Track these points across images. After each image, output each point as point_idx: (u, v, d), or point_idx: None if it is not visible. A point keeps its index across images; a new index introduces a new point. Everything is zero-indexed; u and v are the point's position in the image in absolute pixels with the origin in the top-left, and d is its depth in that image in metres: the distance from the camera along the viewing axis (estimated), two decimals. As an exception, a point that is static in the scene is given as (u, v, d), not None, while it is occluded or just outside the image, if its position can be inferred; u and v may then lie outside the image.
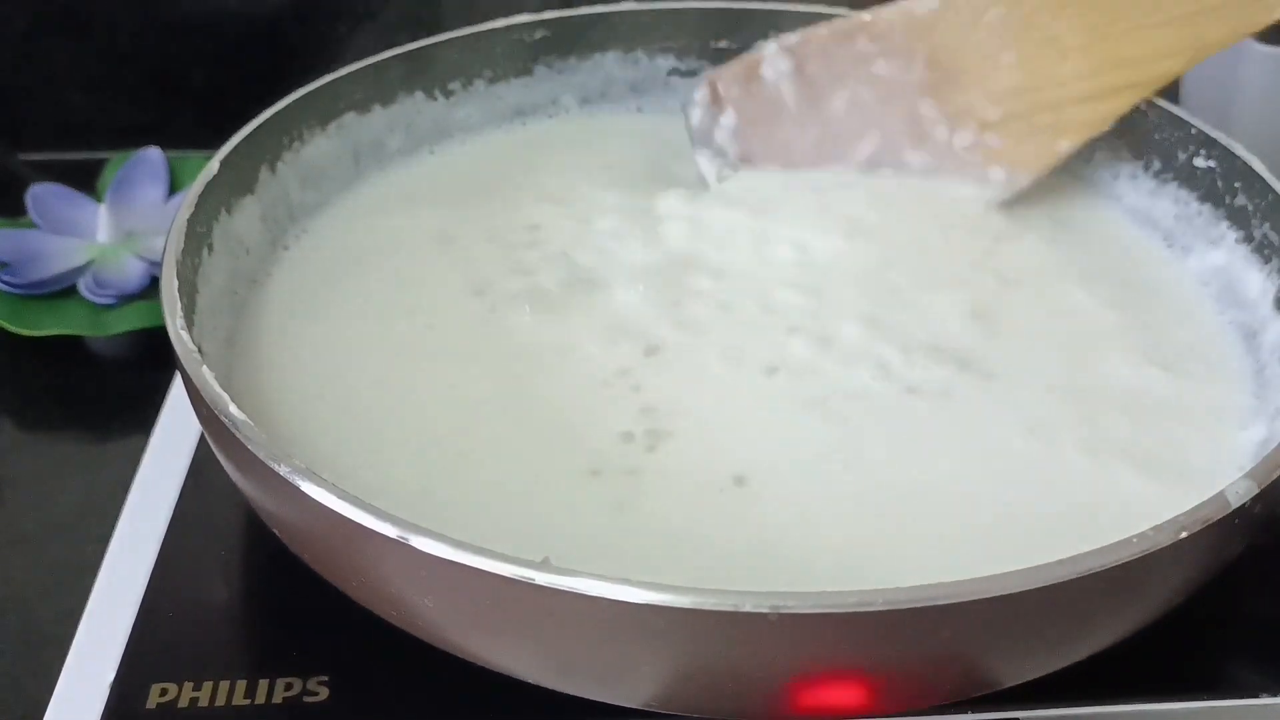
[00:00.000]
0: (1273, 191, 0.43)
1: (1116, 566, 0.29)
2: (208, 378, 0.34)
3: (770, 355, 0.40)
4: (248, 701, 0.34)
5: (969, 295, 0.43)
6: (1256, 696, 0.35)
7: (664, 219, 0.47)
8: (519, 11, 0.54)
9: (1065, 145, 0.45)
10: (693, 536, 0.35)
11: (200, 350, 0.35)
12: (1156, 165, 0.48)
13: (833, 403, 0.39)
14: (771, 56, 0.48)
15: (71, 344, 0.53)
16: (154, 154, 0.60)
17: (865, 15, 0.47)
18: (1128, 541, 0.29)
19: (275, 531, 0.35)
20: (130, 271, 0.55)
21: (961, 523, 0.35)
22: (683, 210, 0.47)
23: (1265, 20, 0.42)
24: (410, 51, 0.51)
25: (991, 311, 0.42)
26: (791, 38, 0.48)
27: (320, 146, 0.49)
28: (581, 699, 0.32)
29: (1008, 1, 0.45)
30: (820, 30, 0.48)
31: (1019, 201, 0.47)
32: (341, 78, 0.49)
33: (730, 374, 0.40)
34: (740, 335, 0.41)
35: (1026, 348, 0.41)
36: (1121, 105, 0.44)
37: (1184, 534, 0.30)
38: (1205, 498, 0.31)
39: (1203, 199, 0.46)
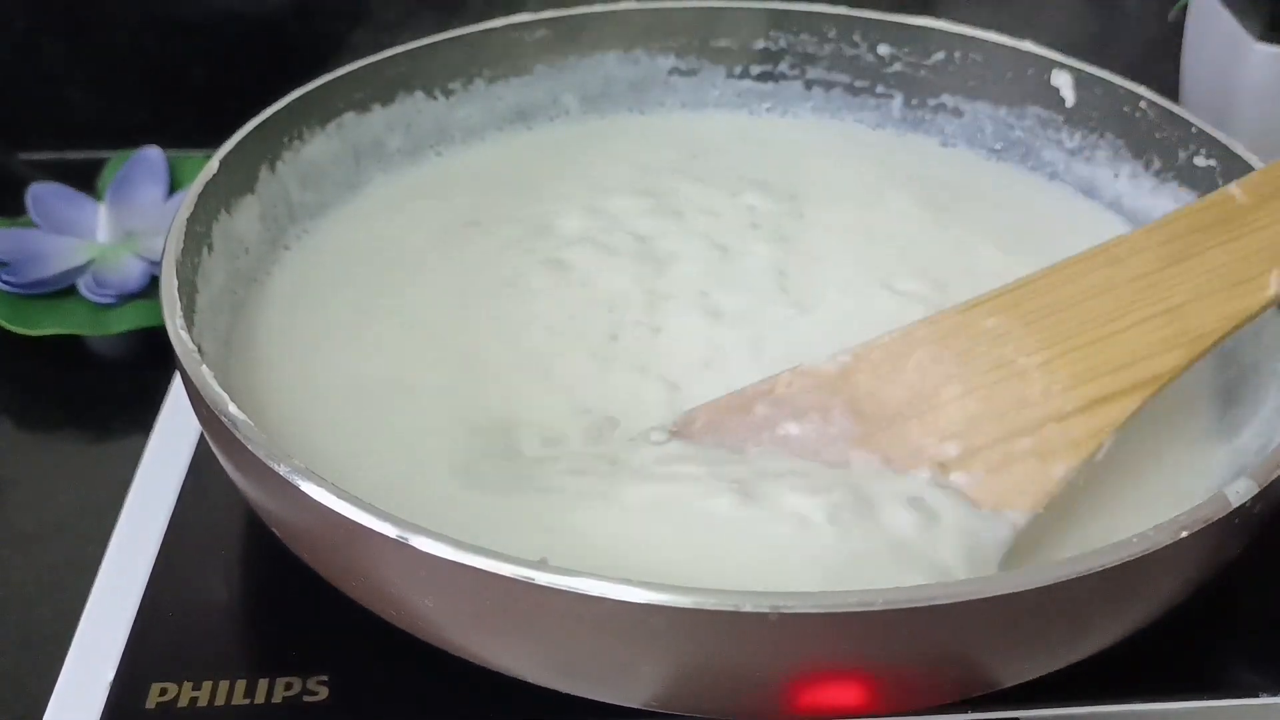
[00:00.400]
0: (1273, 191, 0.43)
1: (1116, 566, 0.29)
2: (207, 377, 0.34)
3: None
4: (248, 701, 0.34)
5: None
6: (1256, 696, 0.35)
7: (665, 216, 0.47)
8: (519, 11, 0.54)
9: (1060, 470, 0.35)
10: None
11: (200, 350, 0.35)
12: (1156, 164, 0.48)
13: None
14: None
15: (71, 344, 0.53)
16: (154, 154, 0.60)
17: (760, 385, 0.39)
18: (1128, 541, 0.29)
19: (275, 531, 0.35)
20: (130, 271, 0.55)
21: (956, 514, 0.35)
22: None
23: (1257, 303, 0.37)
24: (410, 51, 0.51)
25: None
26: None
27: (320, 146, 0.49)
28: (581, 699, 0.32)
29: (932, 340, 0.38)
30: (706, 409, 0.39)
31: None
32: (341, 78, 0.49)
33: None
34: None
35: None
36: (1121, 412, 0.36)
37: (1184, 534, 0.30)
38: (1203, 498, 0.31)
39: (1203, 199, 0.46)
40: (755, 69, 0.56)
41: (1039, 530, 0.35)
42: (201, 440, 0.42)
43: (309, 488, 0.31)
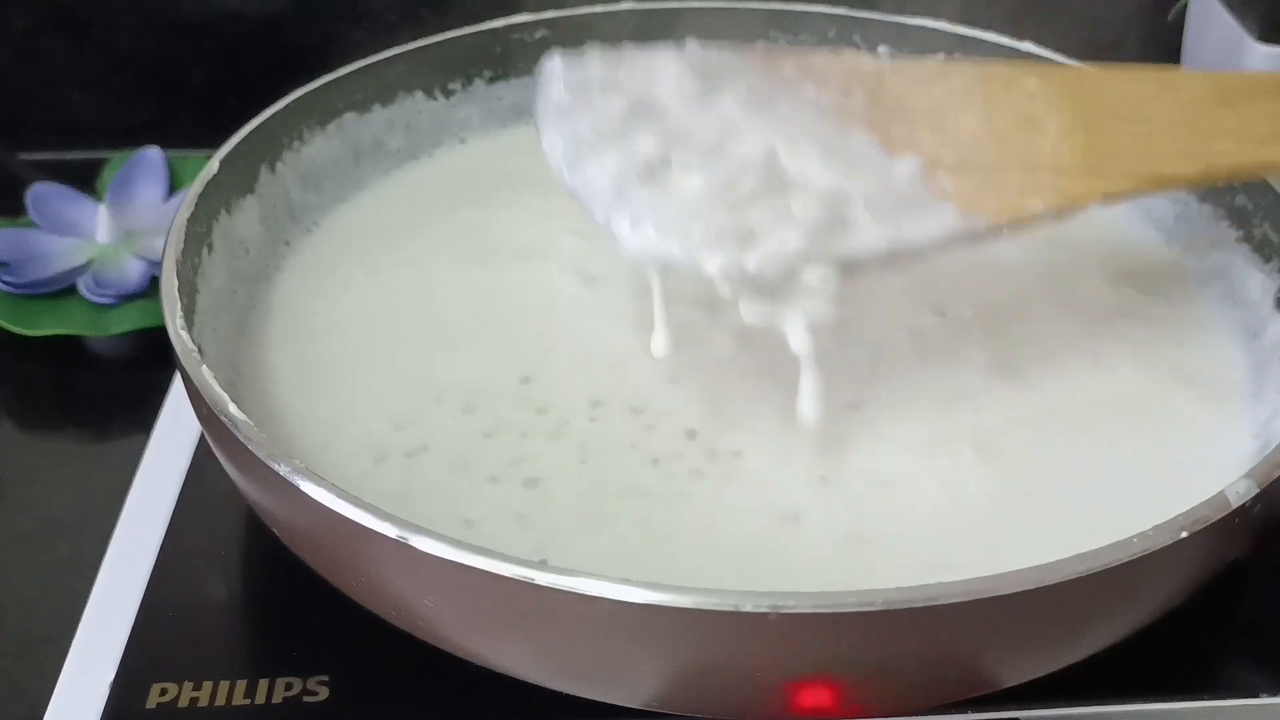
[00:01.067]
0: (1273, 191, 0.43)
1: (1116, 566, 0.29)
2: (207, 377, 0.34)
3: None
4: (248, 701, 0.34)
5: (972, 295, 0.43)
6: (1256, 696, 0.35)
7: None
8: (519, 11, 0.54)
9: (1038, 205, 0.37)
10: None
11: (200, 350, 0.35)
12: (1156, 165, 0.48)
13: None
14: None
15: (71, 344, 0.53)
16: (154, 154, 0.60)
17: (800, 53, 0.41)
18: (1128, 541, 0.29)
19: (275, 531, 0.35)
20: (130, 271, 0.55)
21: (956, 514, 0.35)
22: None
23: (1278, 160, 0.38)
24: (410, 51, 0.51)
25: (998, 314, 0.42)
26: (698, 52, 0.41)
27: (320, 146, 0.49)
28: (581, 699, 0.32)
29: (973, 77, 0.40)
30: (738, 52, 0.41)
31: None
32: (341, 78, 0.49)
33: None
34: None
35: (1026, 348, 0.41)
36: (1114, 187, 0.38)
37: (1184, 534, 0.30)
38: (1204, 498, 0.31)
39: (1203, 198, 0.46)
40: (755, 69, 0.56)
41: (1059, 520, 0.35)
42: (201, 440, 0.42)
43: (309, 488, 0.31)
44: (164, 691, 0.35)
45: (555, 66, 0.40)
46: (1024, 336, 0.42)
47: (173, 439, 0.43)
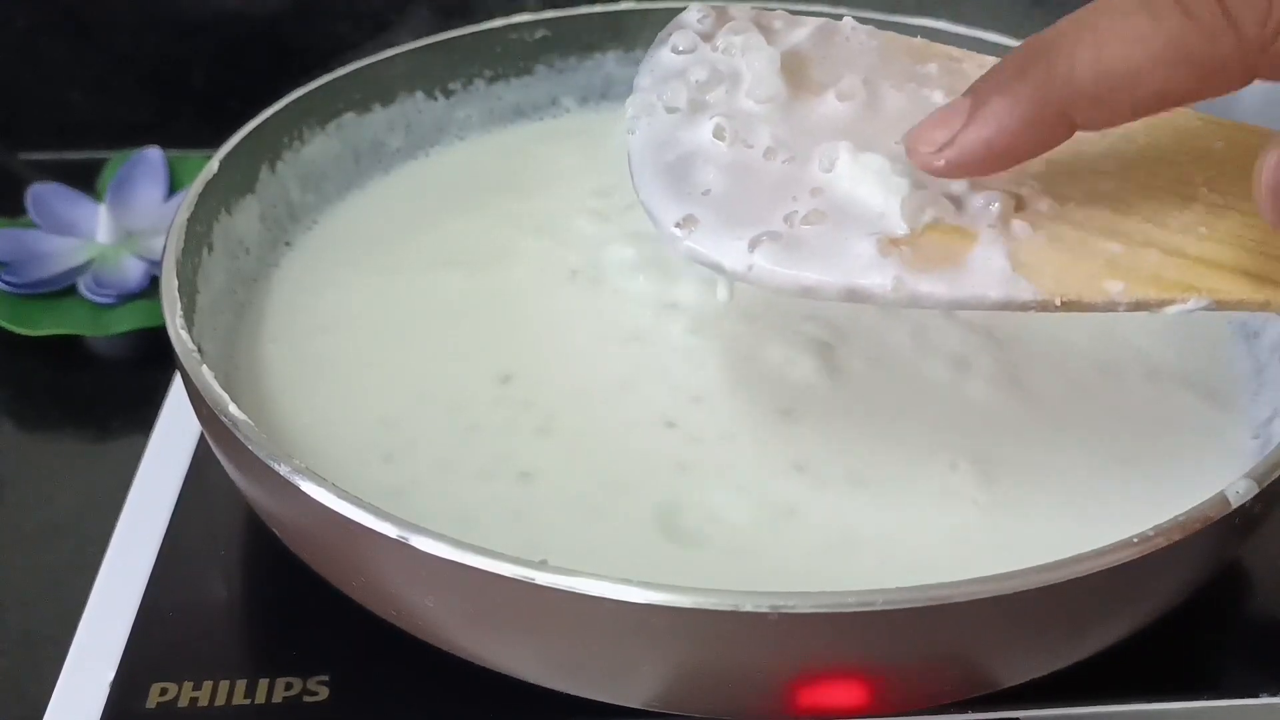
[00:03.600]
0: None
1: (1116, 566, 0.29)
2: (207, 377, 0.34)
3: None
4: (248, 701, 0.34)
5: None
6: (1256, 696, 0.35)
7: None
8: (519, 11, 0.54)
9: (1118, 289, 0.30)
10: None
11: (200, 350, 0.35)
12: (1156, 165, 0.48)
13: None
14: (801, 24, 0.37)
15: (71, 344, 0.53)
16: (154, 154, 0.60)
17: (953, 49, 0.37)
18: (1128, 542, 0.29)
19: (275, 531, 0.35)
20: (130, 271, 0.55)
21: (950, 516, 0.36)
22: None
23: None
24: (410, 51, 0.51)
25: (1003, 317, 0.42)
26: (829, 24, 0.38)
27: (320, 146, 0.49)
28: (581, 699, 0.32)
29: (1153, 128, 0.33)
30: (874, 30, 0.38)
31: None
32: (341, 78, 0.49)
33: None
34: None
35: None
36: (1231, 293, 0.30)
37: (1184, 534, 0.30)
38: (1204, 498, 0.31)
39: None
40: (755, 69, 0.56)
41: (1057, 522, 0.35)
42: (201, 440, 0.42)
43: (309, 488, 0.31)
44: (164, 691, 0.35)
45: (683, 20, 0.37)
46: (1029, 339, 0.41)
47: (173, 439, 0.43)
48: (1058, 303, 0.30)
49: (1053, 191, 0.32)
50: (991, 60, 0.35)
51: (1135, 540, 0.29)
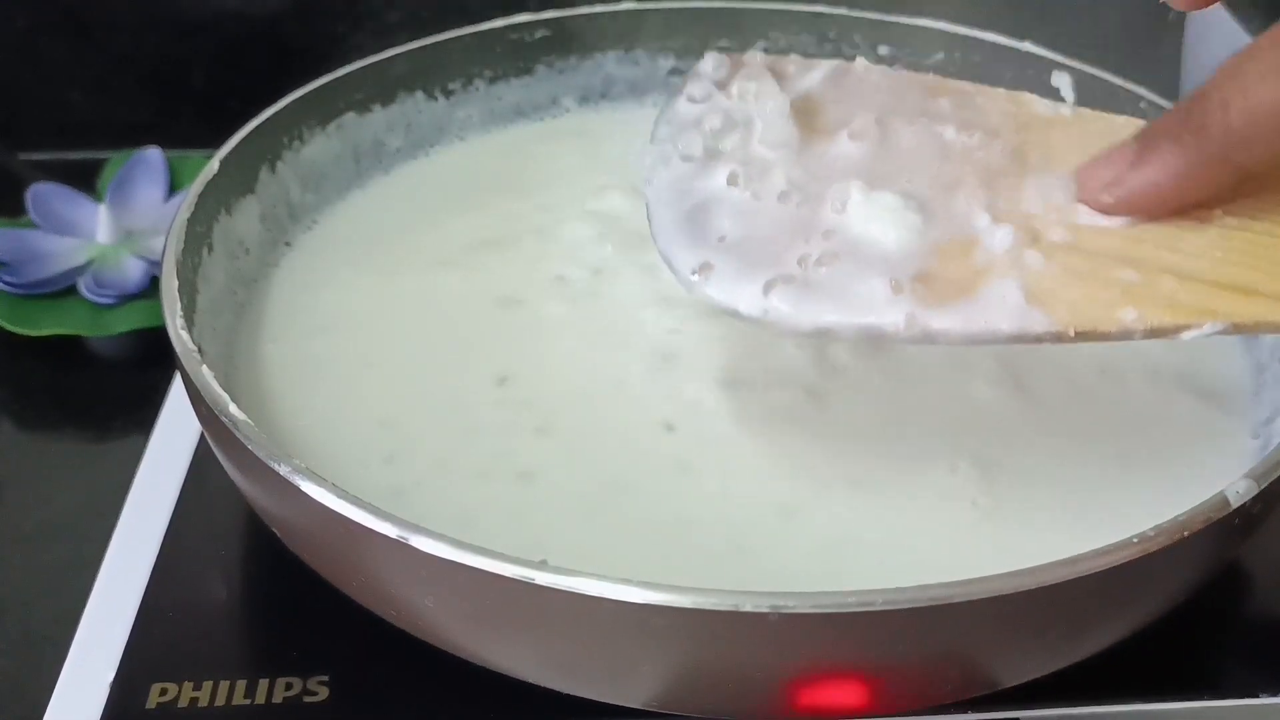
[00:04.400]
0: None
1: (1116, 566, 0.29)
2: (207, 377, 0.34)
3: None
4: (248, 701, 0.34)
5: None
6: (1256, 696, 0.35)
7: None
8: (519, 11, 0.54)
9: (1131, 317, 0.30)
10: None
11: (200, 350, 0.35)
12: (1156, 165, 0.48)
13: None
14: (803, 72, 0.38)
15: (71, 344, 0.53)
16: (154, 154, 0.60)
17: (965, 84, 0.38)
18: (1128, 542, 0.29)
19: (275, 531, 0.35)
20: (130, 271, 0.55)
21: (951, 517, 0.36)
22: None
23: None
24: (410, 51, 0.51)
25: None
26: (842, 66, 0.38)
27: (320, 146, 0.49)
28: (581, 699, 0.32)
29: None
30: (886, 70, 0.38)
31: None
32: (341, 78, 0.49)
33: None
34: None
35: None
36: (1263, 315, 0.30)
37: (1184, 534, 0.30)
38: (1204, 498, 0.31)
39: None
40: (755, 69, 0.56)
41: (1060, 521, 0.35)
42: (201, 440, 0.42)
43: (309, 488, 0.31)
44: (164, 691, 0.35)
45: (699, 70, 0.38)
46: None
47: (173, 439, 0.43)
48: (1072, 334, 0.30)
49: (1066, 221, 0.32)
50: (1001, 93, 0.37)
51: (1135, 540, 0.29)
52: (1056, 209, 0.33)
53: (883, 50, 0.54)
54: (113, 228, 0.56)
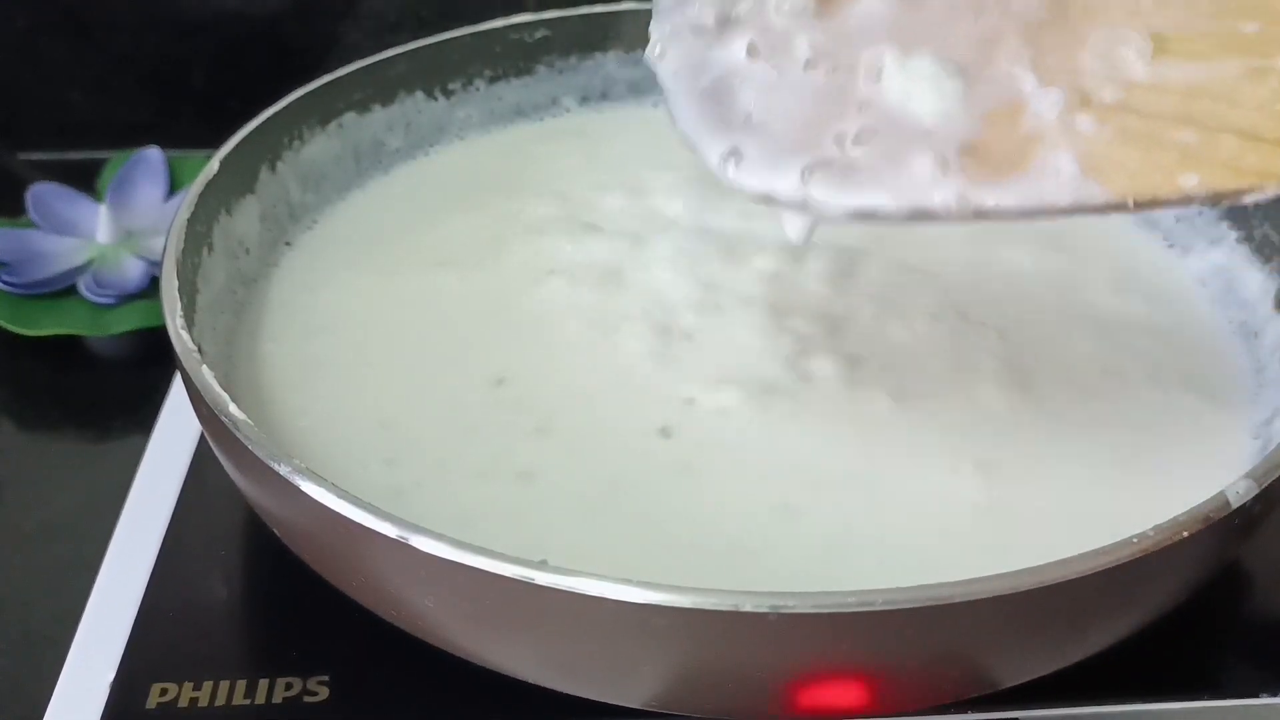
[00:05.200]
0: (1273, 192, 0.43)
1: (1116, 566, 0.29)
2: (208, 377, 0.34)
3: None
4: (248, 701, 0.34)
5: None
6: (1256, 696, 0.35)
7: (664, 217, 0.47)
8: (519, 11, 0.54)
9: (1193, 183, 0.29)
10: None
11: (200, 350, 0.35)
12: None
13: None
14: None
15: (71, 344, 0.53)
16: (154, 154, 0.60)
17: None
18: (1128, 541, 0.29)
19: (275, 531, 0.35)
20: (130, 271, 0.55)
21: (952, 518, 0.36)
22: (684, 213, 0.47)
23: None
24: (410, 51, 0.51)
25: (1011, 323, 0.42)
26: None
27: (320, 146, 0.49)
28: (581, 699, 0.32)
29: None
30: None
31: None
32: (341, 78, 0.49)
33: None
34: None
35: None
36: None
37: (1184, 534, 0.30)
38: (1204, 498, 0.31)
39: (1203, 198, 0.46)
40: (755, 69, 0.56)
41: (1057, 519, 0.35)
42: (201, 440, 0.42)
43: (309, 488, 0.31)
44: (164, 691, 0.35)
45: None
46: (1035, 343, 0.41)
47: (173, 439, 0.43)
48: (1130, 204, 0.29)
49: (1117, 77, 0.30)
50: None
51: (1135, 540, 0.29)
52: (1106, 64, 0.30)
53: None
54: (113, 228, 0.56)
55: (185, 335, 0.36)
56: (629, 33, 0.54)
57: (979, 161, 0.29)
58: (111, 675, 0.35)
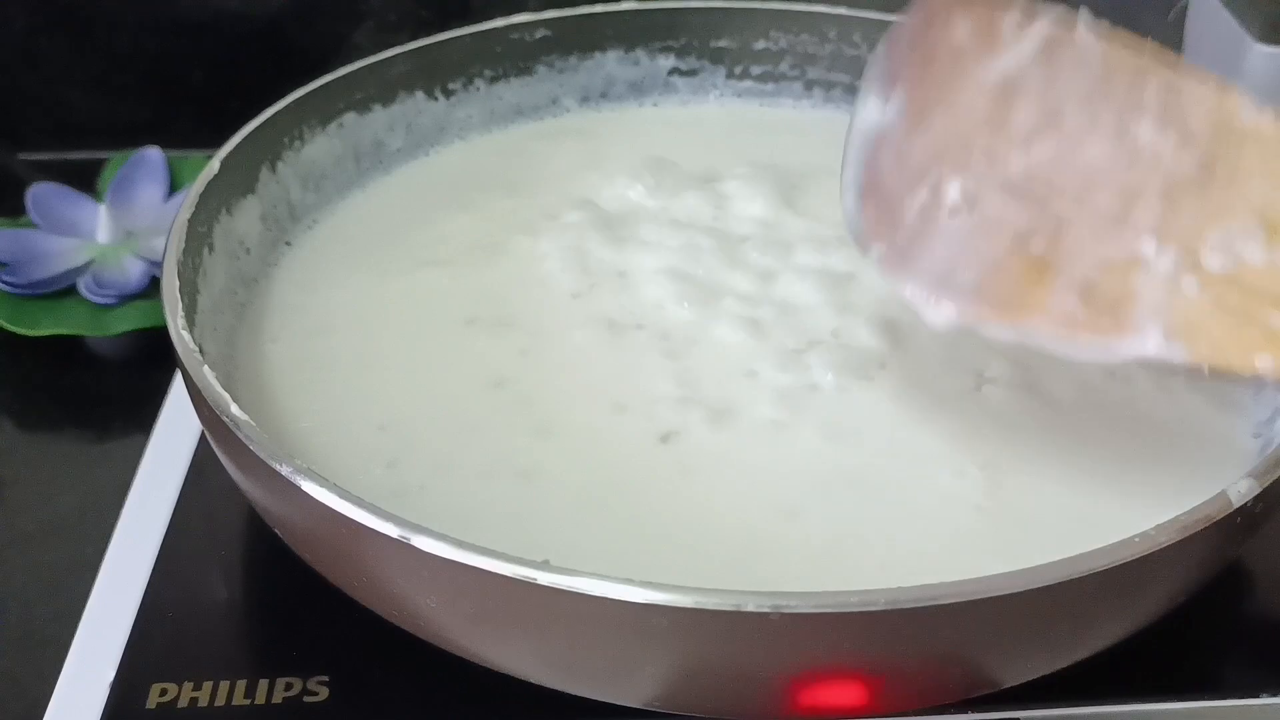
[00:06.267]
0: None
1: (1116, 566, 0.29)
2: (209, 378, 0.34)
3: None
4: (248, 701, 0.34)
5: None
6: (1256, 696, 0.35)
7: (665, 217, 0.47)
8: (519, 11, 0.54)
9: (1266, 363, 0.30)
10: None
11: (201, 350, 0.35)
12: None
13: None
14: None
15: (71, 344, 0.53)
16: (154, 154, 0.60)
17: (1179, 68, 0.34)
18: (1128, 541, 0.29)
19: (276, 531, 0.35)
20: (130, 271, 0.55)
21: (953, 520, 0.35)
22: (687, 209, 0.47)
23: None
24: (410, 51, 0.51)
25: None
26: (1057, 37, 0.34)
27: (321, 146, 0.49)
28: (582, 699, 0.32)
29: None
30: (1102, 42, 0.35)
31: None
32: (341, 78, 0.49)
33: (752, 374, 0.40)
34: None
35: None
36: None
37: (1184, 534, 0.30)
38: (1205, 498, 0.31)
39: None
40: (755, 69, 0.56)
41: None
42: (202, 440, 0.42)
43: (310, 488, 0.31)
44: (164, 691, 0.35)
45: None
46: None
47: (173, 439, 0.43)
48: (1205, 370, 0.30)
49: (1233, 250, 0.31)
50: (1213, 84, 0.33)
51: (1135, 540, 0.29)
52: (1226, 239, 0.31)
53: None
54: (113, 228, 0.56)
55: (186, 335, 0.36)
56: (629, 33, 0.54)
57: (1088, 306, 0.32)
58: (111, 675, 0.35)
